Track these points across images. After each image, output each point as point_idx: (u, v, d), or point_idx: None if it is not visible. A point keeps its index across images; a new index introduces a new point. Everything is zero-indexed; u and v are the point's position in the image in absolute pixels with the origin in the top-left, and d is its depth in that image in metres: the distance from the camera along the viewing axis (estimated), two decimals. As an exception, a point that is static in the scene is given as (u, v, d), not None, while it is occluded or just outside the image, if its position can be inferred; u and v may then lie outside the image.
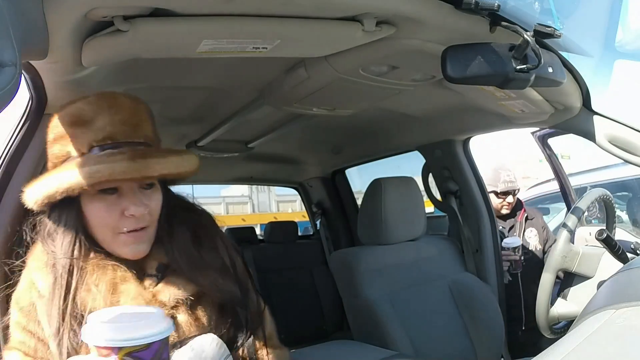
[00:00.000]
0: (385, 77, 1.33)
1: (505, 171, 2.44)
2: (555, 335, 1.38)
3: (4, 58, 0.48)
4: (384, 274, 1.77)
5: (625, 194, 4.00)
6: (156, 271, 0.84)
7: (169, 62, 1.20)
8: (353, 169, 3.00)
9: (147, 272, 0.84)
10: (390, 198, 1.81)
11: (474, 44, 0.95)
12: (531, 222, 2.52)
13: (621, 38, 1.64)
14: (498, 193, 2.42)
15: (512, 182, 2.43)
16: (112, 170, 0.75)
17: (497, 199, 2.43)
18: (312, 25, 0.97)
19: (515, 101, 1.44)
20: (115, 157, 0.77)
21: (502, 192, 2.41)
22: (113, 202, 0.80)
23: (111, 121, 0.81)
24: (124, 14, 0.85)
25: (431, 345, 1.70)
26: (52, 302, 0.77)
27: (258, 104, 1.64)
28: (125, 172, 0.76)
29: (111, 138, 0.80)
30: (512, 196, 2.44)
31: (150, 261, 0.85)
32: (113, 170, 0.75)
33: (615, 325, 0.69)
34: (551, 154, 2.49)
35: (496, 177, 2.42)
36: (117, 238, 0.81)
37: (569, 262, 1.35)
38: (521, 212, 2.52)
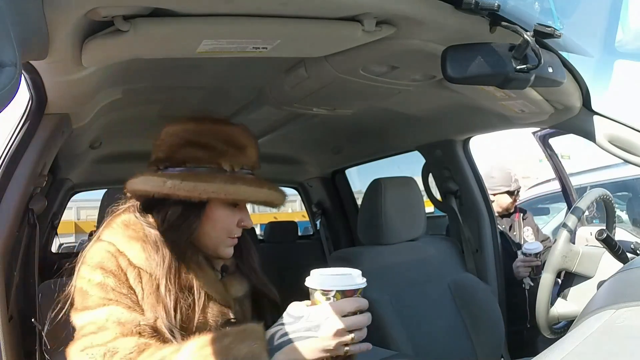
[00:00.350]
0: (385, 77, 1.33)
1: (512, 171, 2.56)
2: (555, 335, 1.38)
3: (4, 58, 0.48)
4: (384, 274, 1.76)
5: (625, 194, 4.00)
6: (221, 269, 1.05)
7: (169, 62, 1.20)
8: (353, 169, 3.00)
9: (215, 268, 1.04)
10: (390, 198, 1.81)
11: (474, 44, 0.95)
12: (526, 221, 2.57)
13: (621, 38, 1.64)
14: (511, 192, 2.49)
15: (518, 180, 2.55)
16: (255, 193, 0.98)
17: (509, 198, 2.51)
18: (312, 25, 0.97)
19: (515, 101, 1.44)
20: (253, 182, 1.00)
21: (515, 190, 2.51)
22: (235, 212, 1.00)
23: (255, 153, 1.03)
24: (124, 14, 0.85)
25: (431, 345, 1.70)
26: (166, 277, 0.92)
27: (258, 104, 1.64)
28: (255, 196, 0.99)
29: (252, 166, 1.03)
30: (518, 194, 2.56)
31: (216, 261, 1.04)
32: (255, 193, 0.99)
33: (615, 325, 0.69)
34: (552, 154, 2.49)
35: (507, 177, 2.51)
36: (225, 240, 1.01)
37: (569, 262, 1.35)
38: (517, 212, 2.59)
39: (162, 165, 0.99)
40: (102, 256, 0.92)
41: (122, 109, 1.63)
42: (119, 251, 0.92)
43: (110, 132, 1.92)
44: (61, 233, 3.91)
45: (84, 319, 0.88)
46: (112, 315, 0.87)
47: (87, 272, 0.91)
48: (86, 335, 0.86)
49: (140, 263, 0.92)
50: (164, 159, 1.00)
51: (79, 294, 0.91)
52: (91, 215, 6.61)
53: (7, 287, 1.16)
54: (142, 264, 0.92)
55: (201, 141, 0.98)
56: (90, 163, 2.45)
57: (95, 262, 0.91)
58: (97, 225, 1.42)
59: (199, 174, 0.95)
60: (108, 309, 0.87)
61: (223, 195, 0.94)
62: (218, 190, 0.94)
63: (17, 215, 1.20)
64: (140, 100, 1.61)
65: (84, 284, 0.90)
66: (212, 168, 0.97)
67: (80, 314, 0.89)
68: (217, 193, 0.94)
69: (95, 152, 2.22)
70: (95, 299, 0.88)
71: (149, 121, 1.91)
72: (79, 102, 1.25)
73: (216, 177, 0.95)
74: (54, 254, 3.56)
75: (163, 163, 0.99)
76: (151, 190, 0.96)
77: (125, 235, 0.95)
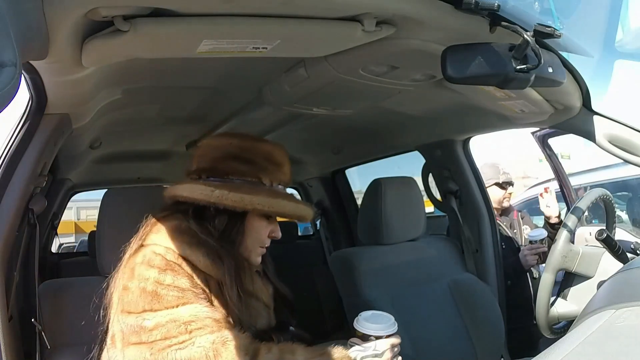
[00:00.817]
0: (385, 77, 1.33)
1: (500, 165, 2.55)
2: (555, 335, 1.38)
3: (4, 58, 0.48)
4: (384, 274, 1.76)
5: (625, 194, 4.00)
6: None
7: (169, 62, 1.20)
8: (353, 169, 3.00)
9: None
10: (390, 198, 1.81)
11: (474, 44, 0.95)
12: (524, 220, 2.60)
13: (621, 38, 1.64)
14: (501, 184, 2.48)
15: (509, 173, 2.54)
16: (293, 208, 1.06)
17: (500, 191, 2.50)
18: (312, 25, 0.97)
19: (515, 101, 1.44)
20: (291, 198, 1.09)
21: (503, 182, 2.48)
22: (267, 224, 1.08)
23: (289, 171, 1.10)
24: (124, 14, 0.85)
25: (431, 345, 1.70)
26: (236, 284, 0.99)
27: (258, 104, 1.64)
28: (293, 211, 1.07)
29: (287, 183, 1.10)
30: (511, 187, 2.53)
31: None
32: (294, 208, 1.07)
33: (615, 325, 0.69)
34: (551, 154, 2.49)
35: (495, 170, 2.50)
36: (257, 249, 1.09)
37: (569, 262, 1.35)
38: (514, 211, 2.60)
39: (205, 175, 1.05)
40: (164, 259, 0.95)
41: (122, 109, 1.63)
42: (180, 256, 0.96)
43: (110, 132, 1.92)
44: (61, 233, 3.91)
45: (158, 319, 0.89)
46: (200, 312, 0.91)
47: (151, 273, 0.92)
48: (169, 336, 0.88)
49: (206, 268, 0.97)
50: (207, 170, 1.05)
51: (142, 295, 0.91)
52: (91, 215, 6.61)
53: (7, 287, 1.16)
54: (208, 270, 0.97)
55: (244, 156, 1.04)
56: (90, 163, 2.45)
57: (157, 264, 0.94)
58: (97, 225, 1.42)
59: (243, 186, 1.02)
60: (191, 307, 0.91)
61: (267, 207, 1.01)
62: (262, 202, 1.01)
63: (17, 215, 1.20)
64: (140, 100, 1.61)
65: (148, 285, 0.91)
66: (254, 182, 1.04)
67: (150, 314, 0.90)
68: (261, 205, 1.01)
69: (95, 152, 2.22)
70: (171, 299, 0.91)
71: (149, 121, 1.92)
72: (79, 102, 1.25)
73: (260, 190, 1.03)
74: (54, 254, 3.57)
75: (206, 173, 1.05)
76: (198, 198, 1.00)
77: (183, 241, 0.98)
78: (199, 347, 0.88)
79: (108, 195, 1.45)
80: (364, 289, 1.70)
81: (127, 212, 1.41)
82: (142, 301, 0.91)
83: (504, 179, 2.49)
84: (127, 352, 0.89)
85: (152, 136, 2.25)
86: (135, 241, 1.01)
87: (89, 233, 3.30)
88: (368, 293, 1.70)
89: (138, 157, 2.61)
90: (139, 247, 0.99)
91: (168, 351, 0.87)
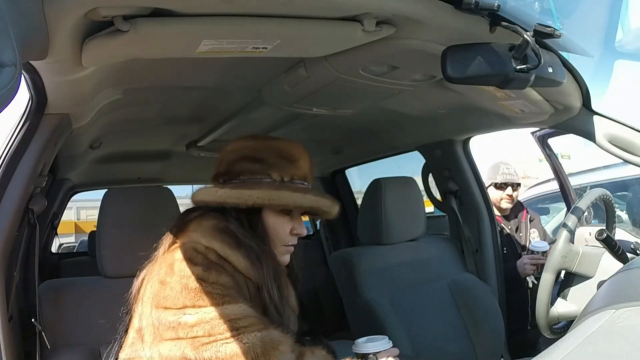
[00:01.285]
0: (385, 77, 1.33)
1: (504, 165, 2.44)
2: (555, 335, 1.38)
3: (4, 58, 0.48)
4: (384, 274, 1.77)
5: (625, 194, 4.00)
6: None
7: (169, 62, 1.20)
8: (353, 169, 3.00)
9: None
10: (390, 198, 1.81)
11: (474, 44, 0.95)
12: (533, 223, 2.51)
13: (621, 38, 1.64)
14: (497, 184, 2.41)
15: (510, 174, 2.42)
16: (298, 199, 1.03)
17: (496, 192, 2.42)
18: (312, 25, 0.97)
19: (515, 101, 1.44)
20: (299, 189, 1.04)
21: (501, 182, 2.41)
22: (287, 221, 1.05)
23: (307, 165, 1.09)
24: (124, 14, 0.85)
25: (431, 345, 1.70)
26: (276, 286, 1.00)
27: (258, 104, 1.64)
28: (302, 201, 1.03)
29: (304, 177, 1.08)
30: (511, 189, 2.42)
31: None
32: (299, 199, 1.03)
33: (615, 325, 0.69)
34: (551, 154, 2.49)
35: (494, 170, 2.44)
36: (280, 248, 1.06)
37: (569, 262, 1.35)
38: (523, 213, 2.51)
39: (222, 179, 1.06)
40: (206, 258, 0.95)
41: (122, 109, 1.62)
42: (221, 257, 0.97)
43: (110, 132, 1.92)
44: (61, 233, 3.91)
45: (201, 315, 0.89)
46: (245, 311, 0.91)
47: (194, 270, 0.92)
48: (213, 332, 0.88)
49: (245, 270, 0.98)
50: (223, 173, 1.07)
51: (183, 291, 0.91)
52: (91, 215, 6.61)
53: (7, 287, 1.16)
54: (247, 272, 0.98)
55: (256, 155, 1.05)
56: (90, 163, 2.45)
57: (200, 261, 0.94)
58: (97, 225, 1.42)
59: (247, 183, 1.03)
60: (236, 306, 0.91)
61: (267, 200, 1.00)
62: (262, 196, 1.00)
63: (17, 215, 1.20)
64: (140, 100, 1.61)
65: (190, 282, 0.91)
66: (262, 178, 1.04)
67: (192, 310, 0.89)
68: (261, 199, 1.00)
69: (95, 152, 2.22)
70: (216, 296, 0.90)
71: (149, 121, 1.92)
72: (79, 102, 1.25)
73: (262, 184, 1.02)
74: (54, 254, 3.57)
75: (222, 177, 1.07)
76: (206, 199, 1.04)
77: (223, 241, 0.99)
78: (246, 344, 0.87)
79: (108, 195, 1.45)
80: (364, 289, 1.71)
81: (127, 212, 1.41)
82: (184, 297, 0.90)
83: (502, 180, 2.40)
84: (161, 348, 0.88)
85: (152, 136, 2.25)
86: (167, 238, 1.02)
87: (89, 233, 3.31)
88: (368, 293, 1.70)
89: (138, 157, 2.61)
90: (175, 243, 1.00)
91: (213, 345, 0.87)
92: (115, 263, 1.38)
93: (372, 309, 1.66)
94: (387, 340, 1.02)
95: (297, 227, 1.07)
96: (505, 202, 2.43)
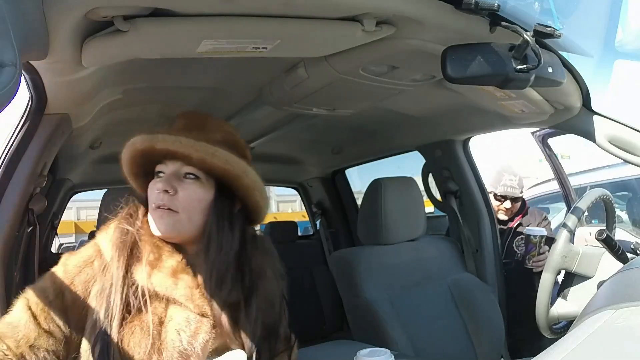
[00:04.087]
0: (385, 77, 1.33)
1: (508, 175, 2.31)
2: (555, 335, 1.38)
3: (4, 58, 0.48)
4: (384, 274, 1.76)
5: (625, 193, 4.00)
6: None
7: (169, 62, 1.20)
8: (353, 169, 3.00)
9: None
10: (390, 198, 1.81)
11: (474, 44, 0.95)
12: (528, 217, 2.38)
13: (621, 38, 1.64)
14: (496, 195, 2.31)
15: (512, 187, 2.29)
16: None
17: (495, 202, 2.32)
18: (312, 25, 0.97)
19: (515, 101, 1.44)
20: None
21: (500, 195, 2.30)
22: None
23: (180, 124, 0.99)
24: (124, 14, 0.85)
25: (431, 345, 1.70)
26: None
27: (258, 104, 1.64)
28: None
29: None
30: (510, 202, 2.31)
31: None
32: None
33: (615, 325, 0.69)
34: (551, 154, 2.49)
35: (498, 179, 2.32)
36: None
37: (569, 262, 1.35)
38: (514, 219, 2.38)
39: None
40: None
41: (122, 109, 1.62)
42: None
43: (110, 132, 1.92)
44: (61, 233, 3.91)
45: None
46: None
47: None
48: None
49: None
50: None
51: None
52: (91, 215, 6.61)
53: (7, 287, 1.16)
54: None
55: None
56: (90, 163, 2.45)
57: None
58: (97, 225, 1.42)
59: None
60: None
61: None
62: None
63: (17, 215, 1.20)
64: (140, 100, 1.61)
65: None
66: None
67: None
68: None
69: (95, 152, 2.22)
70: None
71: (149, 121, 1.91)
72: (79, 102, 1.25)
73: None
74: (54, 254, 3.57)
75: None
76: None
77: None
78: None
79: (108, 195, 1.45)
80: (364, 289, 1.70)
81: (127, 212, 1.41)
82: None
83: (501, 192, 2.28)
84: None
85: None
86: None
87: (89, 233, 3.30)
88: (368, 293, 1.70)
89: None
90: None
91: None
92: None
93: (372, 309, 1.66)
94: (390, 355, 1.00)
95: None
96: (501, 214, 2.33)
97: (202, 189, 0.90)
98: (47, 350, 0.81)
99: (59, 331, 0.83)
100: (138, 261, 0.87)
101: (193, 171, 0.89)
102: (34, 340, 0.80)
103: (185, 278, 0.87)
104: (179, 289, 0.86)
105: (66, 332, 0.83)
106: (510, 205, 2.32)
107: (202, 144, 0.87)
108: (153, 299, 0.85)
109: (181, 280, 0.87)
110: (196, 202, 0.89)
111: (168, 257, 0.88)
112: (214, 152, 0.88)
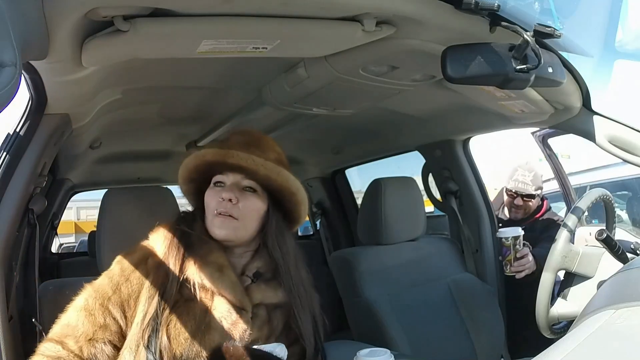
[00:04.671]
0: (385, 77, 1.33)
1: (522, 170, 2.19)
2: (555, 335, 1.38)
3: (4, 58, 0.48)
4: (384, 274, 1.76)
5: (625, 193, 4.00)
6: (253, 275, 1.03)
7: (168, 62, 1.20)
8: (353, 169, 3.00)
9: (246, 273, 1.03)
10: (390, 198, 1.81)
11: (474, 44, 0.95)
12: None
13: (621, 38, 1.64)
14: (508, 191, 2.22)
15: (524, 183, 2.16)
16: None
17: (506, 197, 2.24)
18: (312, 25, 0.97)
19: (515, 101, 1.44)
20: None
21: (511, 189, 2.19)
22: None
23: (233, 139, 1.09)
24: (124, 14, 0.85)
25: (431, 345, 1.70)
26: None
27: (258, 104, 1.64)
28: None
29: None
30: (521, 199, 2.18)
31: (250, 265, 1.04)
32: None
33: (615, 325, 0.69)
34: (551, 154, 2.49)
35: (512, 173, 2.22)
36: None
37: (569, 262, 1.35)
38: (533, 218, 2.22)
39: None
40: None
41: (122, 109, 1.63)
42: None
43: (110, 132, 1.92)
44: (61, 233, 3.91)
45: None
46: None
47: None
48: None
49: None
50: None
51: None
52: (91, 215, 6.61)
53: (7, 287, 1.16)
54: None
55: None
56: (90, 163, 2.45)
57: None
58: (97, 225, 1.42)
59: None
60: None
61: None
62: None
63: (17, 215, 1.20)
64: (140, 100, 1.61)
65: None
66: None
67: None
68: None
69: (95, 152, 2.22)
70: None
71: (149, 121, 1.92)
72: (79, 102, 1.25)
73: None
74: (54, 254, 3.57)
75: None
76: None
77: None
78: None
79: (108, 195, 1.45)
80: (364, 289, 1.70)
81: (127, 212, 1.41)
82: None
83: (512, 186, 2.17)
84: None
85: (152, 136, 2.25)
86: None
87: (89, 233, 3.30)
88: (368, 293, 1.70)
89: (138, 157, 2.61)
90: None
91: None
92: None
93: (372, 309, 1.66)
94: (390, 355, 1.01)
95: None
96: (513, 212, 2.21)
97: (259, 201, 1.02)
98: (104, 341, 0.93)
99: (114, 323, 0.94)
100: (190, 258, 0.98)
101: (252, 185, 1.01)
102: (93, 334, 0.92)
103: (230, 274, 0.98)
104: (224, 283, 0.97)
105: (122, 323, 0.95)
106: (521, 203, 2.19)
107: (270, 164, 1.00)
108: (201, 291, 0.96)
109: (226, 276, 0.98)
110: (254, 212, 1.02)
111: (217, 256, 1.00)
112: (278, 172, 1.01)
